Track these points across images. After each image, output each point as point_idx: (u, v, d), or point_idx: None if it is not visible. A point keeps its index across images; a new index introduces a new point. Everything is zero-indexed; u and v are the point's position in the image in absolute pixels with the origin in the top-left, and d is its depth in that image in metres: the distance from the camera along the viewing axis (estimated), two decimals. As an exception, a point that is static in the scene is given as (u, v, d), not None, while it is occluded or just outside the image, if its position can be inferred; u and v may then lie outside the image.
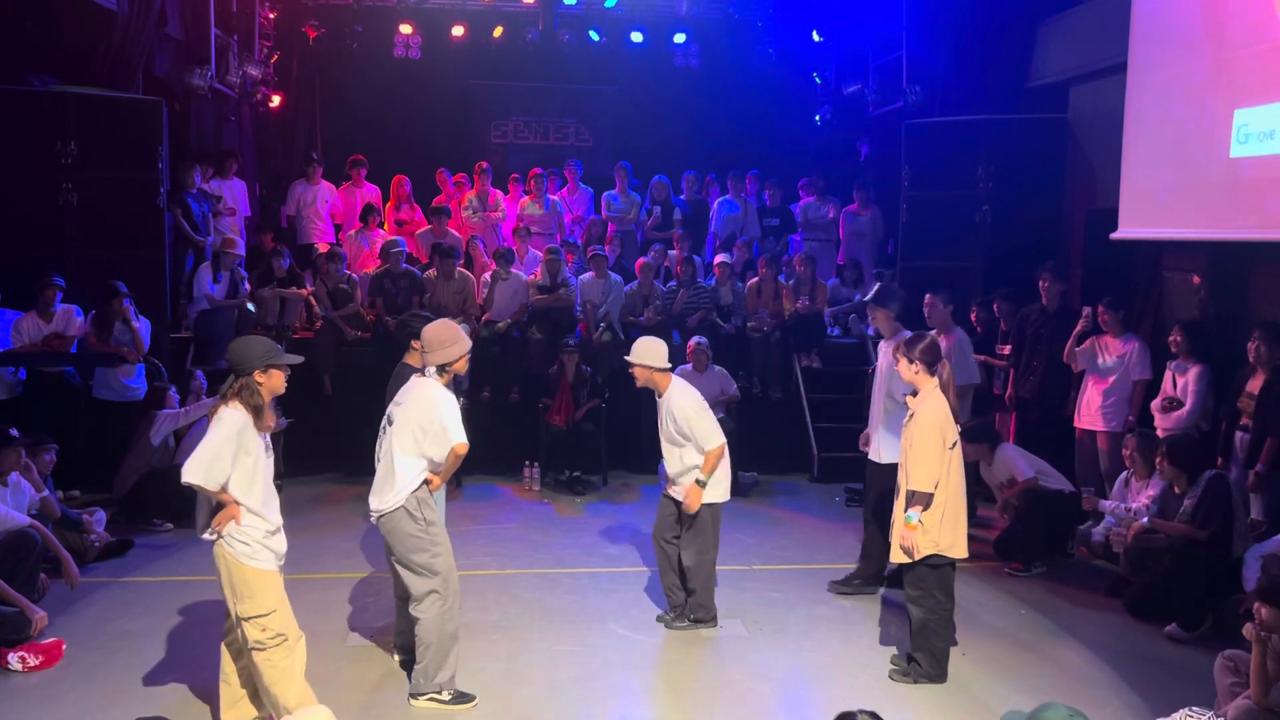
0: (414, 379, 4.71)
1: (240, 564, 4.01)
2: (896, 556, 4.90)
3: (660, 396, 5.46)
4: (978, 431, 6.80)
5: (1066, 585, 6.34)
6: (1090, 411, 7.14)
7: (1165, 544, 5.76)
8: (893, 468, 5.71)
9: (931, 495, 4.71)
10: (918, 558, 4.77)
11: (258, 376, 4.02)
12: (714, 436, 5.36)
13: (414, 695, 4.67)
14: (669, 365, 5.45)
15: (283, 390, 4.16)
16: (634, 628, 5.63)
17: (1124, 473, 6.53)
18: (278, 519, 4.15)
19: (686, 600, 5.59)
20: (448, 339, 4.65)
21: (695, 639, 5.48)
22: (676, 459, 5.45)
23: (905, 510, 4.78)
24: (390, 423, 4.63)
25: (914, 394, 4.94)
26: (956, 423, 4.86)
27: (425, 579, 4.58)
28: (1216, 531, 5.59)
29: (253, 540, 4.03)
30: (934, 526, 4.74)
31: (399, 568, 4.66)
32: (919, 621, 4.90)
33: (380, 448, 4.67)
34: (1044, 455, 7.00)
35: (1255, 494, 6.01)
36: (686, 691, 4.89)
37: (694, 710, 4.70)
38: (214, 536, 4.03)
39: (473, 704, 4.65)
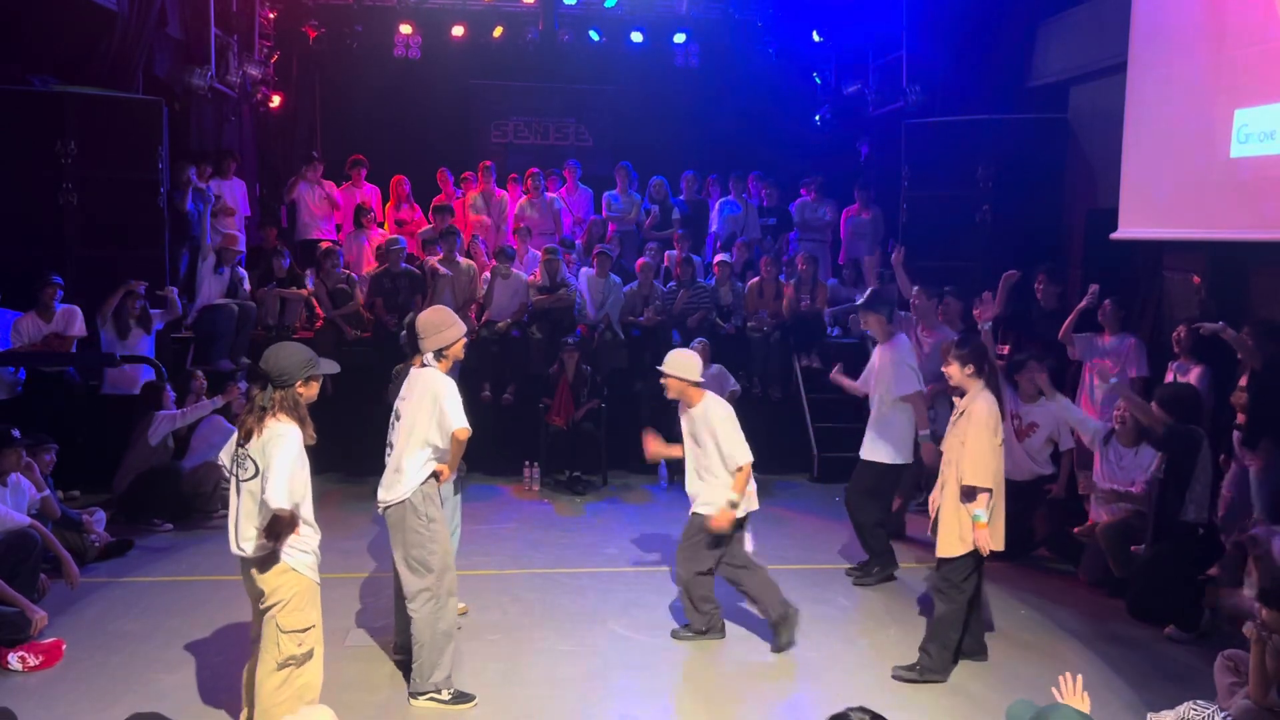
0: (414, 371, 4.72)
1: (301, 576, 3.88)
2: (953, 550, 4.86)
3: (690, 408, 5.31)
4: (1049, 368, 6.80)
5: (1067, 586, 6.34)
6: (1090, 409, 7.13)
7: (1133, 514, 5.78)
8: (872, 465, 6.18)
9: (991, 491, 4.75)
10: (963, 552, 4.81)
11: (299, 388, 3.89)
12: (743, 453, 5.22)
13: (413, 695, 4.67)
14: (701, 380, 5.34)
15: (315, 399, 4.01)
16: (634, 628, 5.63)
17: (1109, 429, 6.47)
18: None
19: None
20: (443, 323, 4.68)
21: (695, 639, 5.47)
22: (697, 475, 5.37)
23: (972, 509, 4.78)
24: (398, 417, 4.66)
25: (960, 395, 5.01)
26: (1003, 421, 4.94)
27: (419, 576, 4.60)
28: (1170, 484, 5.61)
29: (312, 551, 3.94)
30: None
31: (397, 563, 4.67)
32: (940, 613, 4.95)
33: (390, 444, 4.69)
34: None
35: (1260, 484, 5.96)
36: (686, 691, 4.90)
37: (693, 710, 4.70)
38: (263, 551, 3.84)
39: (473, 704, 4.65)
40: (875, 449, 6.24)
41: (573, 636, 5.48)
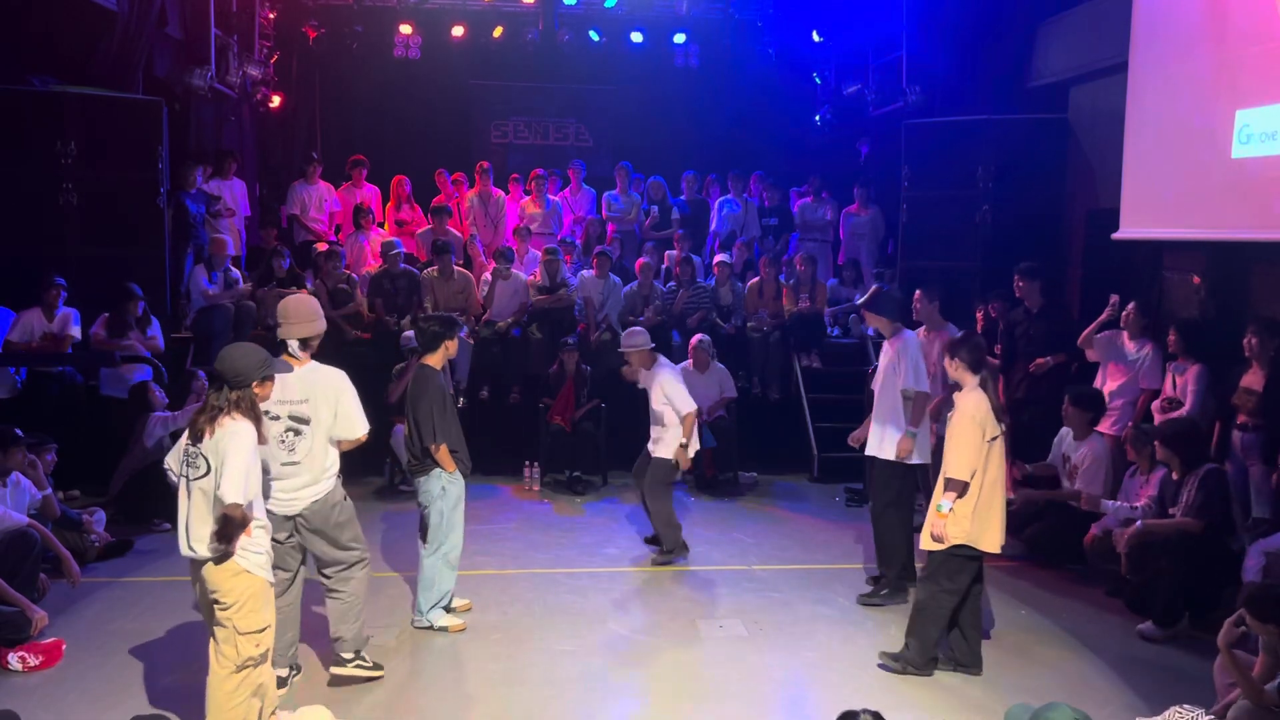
0: (303, 369, 4.54)
1: (254, 577, 3.88)
2: (926, 544, 4.94)
3: (648, 373, 6.71)
4: (1090, 400, 6.76)
5: (1066, 585, 6.34)
6: None
7: (1163, 539, 5.75)
8: (895, 465, 5.91)
9: (967, 484, 4.78)
10: (948, 545, 4.84)
11: (255, 388, 3.93)
12: (686, 405, 6.56)
13: (341, 663, 4.77)
14: (653, 345, 6.77)
15: (269, 399, 4.14)
16: (634, 628, 5.63)
17: (1131, 467, 6.52)
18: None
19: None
20: (310, 313, 4.61)
21: (695, 639, 5.48)
22: (662, 425, 6.66)
23: (938, 500, 4.86)
24: (305, 421, 4.51)
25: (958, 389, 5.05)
26: (1000, 420, 4.92)
27: (356, 550, 4.76)
28: (1216, 523, 5.60)
29: (265, 550, 3.95)
30: (965, 517, 4.81)
31: (331, 551, 4.70)
32: (919, 602, 5.00)
33: (294, 451, 4.53)
34: (1038, 455, 7.02)
35: (1271, 490, 5.89)
36: (686, 691, 4.89)
37: (694, 710, 4.70)
38: (215, 553, 3.81)
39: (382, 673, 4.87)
40: (885, 445, 5.93)
41: (573, 636, 5.47)
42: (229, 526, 3.73)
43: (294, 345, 4.53)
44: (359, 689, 4.79)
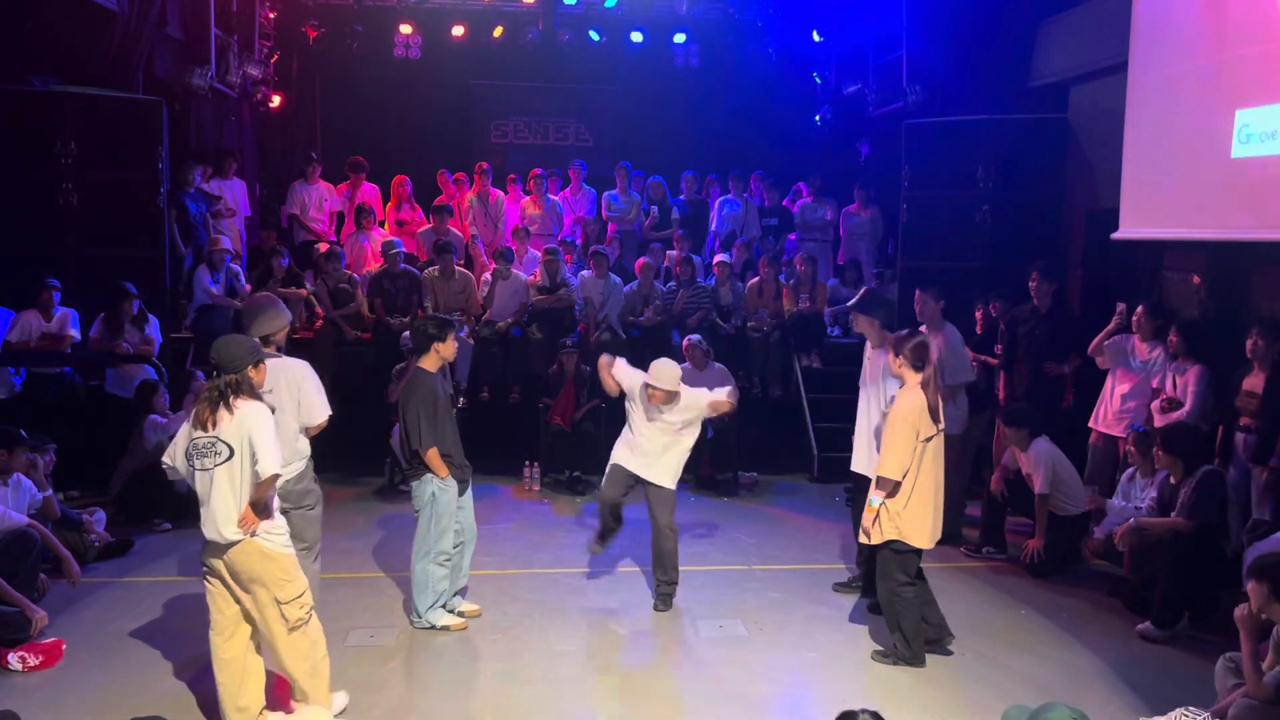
0: (269, 362, 4.64)
1: (281, 553, 4.11)
2: (861, 538, 5.13)
3: (674, 404, 5.81)
4: (1017, 416, 6.77)
5: (1066, 585, 6.34)
6: (1108, 417, 7.08)
7: (1158, 539, 5.75)
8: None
9: (898, 483, 4.89)
10: (875, 541, 5.00)
11: (250, 372, 4.11)
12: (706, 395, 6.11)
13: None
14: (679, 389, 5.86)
15: (262, 384, 4.30)
16: (634, 628, 5.64)
17: (1129, 469, 6.52)
18: None
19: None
20: (265, 311, 4.82)
21: (695, 639, 5.49)
22: (661, 446, 5.88)
23: (869, 495, 5.01)
24: (270, 410, 4.64)
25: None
26: (937, 420, 4.94)
27: (316, 535, 5.00)
28: (1210, 525, 5.60)
29: (284, 529, 4.18)
30: (897, 513, 4.93)
31: (302, 528, 4.85)
32: (884, 600, 5.15)
33: None
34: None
35: (1268, 492, 5.88)
36: (686, 691, 4.89)
37: (694, 710, 4.70)
38: (247, 534, 4.02)
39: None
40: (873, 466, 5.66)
41: (573, 636, 5.48)
42: (260, 503, 3.99)
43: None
44: (362, 691, 4.78)
